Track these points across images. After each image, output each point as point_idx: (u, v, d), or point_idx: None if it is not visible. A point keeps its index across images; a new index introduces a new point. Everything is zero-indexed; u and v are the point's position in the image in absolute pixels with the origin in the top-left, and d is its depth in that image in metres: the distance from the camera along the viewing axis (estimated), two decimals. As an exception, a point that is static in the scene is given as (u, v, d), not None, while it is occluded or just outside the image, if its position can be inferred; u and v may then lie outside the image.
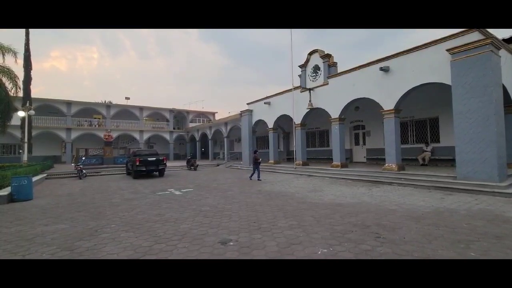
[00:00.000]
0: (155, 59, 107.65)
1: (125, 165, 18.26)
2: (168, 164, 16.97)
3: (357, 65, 12.46)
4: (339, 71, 13.76)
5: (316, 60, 14.78)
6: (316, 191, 8.88)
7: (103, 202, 7.77)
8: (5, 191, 8.30)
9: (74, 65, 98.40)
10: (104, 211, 6.61)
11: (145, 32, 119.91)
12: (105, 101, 31.30)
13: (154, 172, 15.38)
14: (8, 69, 17.92)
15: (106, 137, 23.55)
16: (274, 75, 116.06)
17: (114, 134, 27.88)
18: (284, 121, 19.15)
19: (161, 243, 4.17)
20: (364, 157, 16.29)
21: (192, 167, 19.62)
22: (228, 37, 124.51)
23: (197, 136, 31.43)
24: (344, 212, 5.87)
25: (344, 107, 13.07)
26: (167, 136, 33.52)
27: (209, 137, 28.71)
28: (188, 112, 36.97)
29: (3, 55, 17.35)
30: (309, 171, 14.16)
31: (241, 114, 21.40)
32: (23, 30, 19.36)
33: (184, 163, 22.61)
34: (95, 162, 22.18)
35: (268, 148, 19.56)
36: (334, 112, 13.53)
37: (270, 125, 18.46)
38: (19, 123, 19.62)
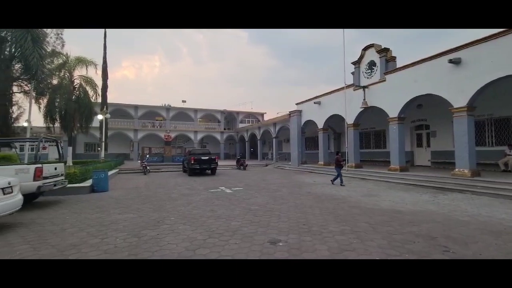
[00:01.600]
0: (208, 64, 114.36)
1: (181, 163, 19.79)
2: (219, 163, 17.82)
3: (419, 59, 11.24)
4: (397, 66, 12.62)
5: (371, 55, 13.83)
6: (371, 195, 8.29)
7: (164, 196, 8.56)
8: (88, 183, 9.79)
9: (140, 73, 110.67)
10: (164, 204, 7.28)
11: (200, 38, 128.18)
12: (165, 104, 34.40)
13: (207, 171, 16.32)
14: (91, 79, 21.13)
15: (166, 137, 25.90)
16: (323, 74, 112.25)
17: (173, 135, 30.49)
18: (335, 121, 18.39)
19: (214, 238, 4.40)
20: (428, 160, 14.59)
21: (242, 167, 20.23)
22: (277, 39, 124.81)
23: (246, 137, 32.29)
24: (404, 220, 5.36)
25: (404, 105, 11.92)
26: (218, 136, 35.27)
27: (258, 137, 29.22)
28: (238, 113, 38.26)
29: (87, 67, 20.52)
30: (362, 174, 13.31)
31: (290, 114, 21.26)
32: (101, 45, 22.56)
33: (234, 162, 23.46)
34: (157, 160, 24.56)
35: (318, 149, 19.01)
36: (392, 110, 12.45)
37: (320, 125, 17.91)
38: (98, 125, 22.93)
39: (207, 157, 15.93)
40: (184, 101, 36.29)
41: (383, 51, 13.03)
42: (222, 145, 35.30)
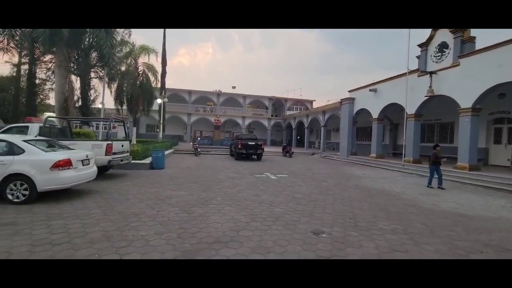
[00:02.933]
0: (258, 51, 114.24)
1: (229, 147, 20.57)
2: (265, 149, 18.01)
3: (507, 39, 9.36)
4: (476, 48, 10.75)
5: (443, 36, 12.03)
6: (430, 194, 7.47)
7: (212, 177, 9.05)
8: (148, 160, 10.89)
9: (195, 60, 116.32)
10: (212, 185, 7.70)
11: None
12: (215, 90, 35.81)
13: (253, 156, 16.66)
14: (152, 66, 22.99)
15: (216, 121, 27.10)
16: (381, 59, 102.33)
17: (222, 119, 31.77)
18: (392, 111, 16.82)
19: (257, 222, 4.51)
20: (508, 160, 12.41)
21: (287, 154, 20.12)
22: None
23: (294, 124, 31.80)
24: (471, 226, 4.70)
25: (482, 94, 10.21)
26: (265, 122, 35.51)
27: (306, 125, 28.53)
28: (286, 100, 37.73)
29: (149, 55, 22.32)
30: (421, 170, 12.02)
31: (341, 102, 20.12)
32: (161, 34, 24.21)
33: (279, 149, 23.45)
34: (207, 143, 25.98)
35: (370, 141, 17.73)
36: (465, 100, 10.79)
37: (375, 114, 16.57)
38: (157, 108, 25.07)
39: (254, 143, 16.21)
40: (233, 87, 37.19)
41: (459, 31, 11.19)
42: (269, 131, 35.50)
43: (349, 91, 19.55)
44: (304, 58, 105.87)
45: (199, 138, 23.41)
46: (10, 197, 4.93)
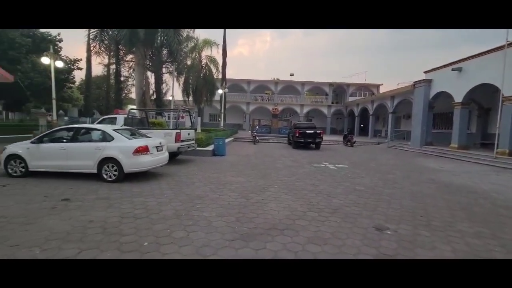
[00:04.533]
0: (318, 34, 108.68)
1: (286, 136, 20.50)
2: (324, 138, 17.33)
3: None
4: None
5: None
6: (532, 195, 6.09)
7: (270, 165, 9.21)
8: (210, 148, 11.70)
9: (253, 49, 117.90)
10: (270, 173, 7.84)
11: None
12: (273, 78, 35.71)
13: (311, 145, 16.25)
14: (214, 58, 24.17)
15: (274, 110, 27.23)
16: (468, 32, 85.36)
17: (280, 108, 31.69)
18: (482, 93, 14.09)
19: (314, 212, 4.42)
20: None
21: (349, 143, 18.98)
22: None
23: (356, 111, 29.63)
24: None
25: None
26: (325, 110, 34.00)
27: (370, 112, 26.27)
28: (348, 85, 35.23)
29: (211, 48, 23.49)
30: (521, 164, 9.86)
31: (414, 85, 17.77)
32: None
33: (340, 138, 22.28)
34: (265, 131, 26.45)
35: (450, 129, 15.30)
36: None
37: (459, 98, 14.14)
38: (218, 98, 26.48)
39: (312, 131, 15.76)
40: (291, 74, 36.54)
41: None
42: (329, 119, 33.94)
43: (424, 72, 17.07)
44: (369, 37, 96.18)
45: (257, 127, 23.99)
46: (104, 176, 5.97)
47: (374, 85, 35.38)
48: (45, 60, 13.68)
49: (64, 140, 6.31)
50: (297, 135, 15.54)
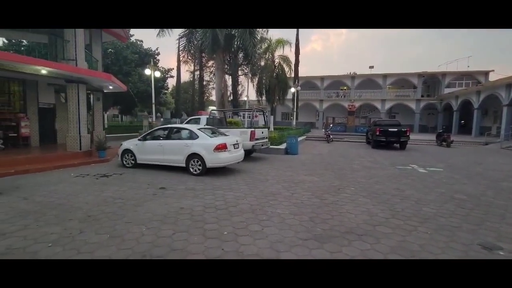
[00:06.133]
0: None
1: (365, 134, 18.92)
2: (411, 136, 15.20)
3: None
4: None
5: None
6: None
7: (345, 165, 8.69)
8: (283, 146, 11.83)
9: (327, 43, 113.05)
10: (345, 173, 7.40)
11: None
12: (350, 73, 33.41)
13: (395, 144, 14.53)
14: (286, 57, 24.33)
15: (350, 107, 25.48)
16: None
17: (357, 104, 29.41)
18: None
19: (399, 219, 3.95)
20: None
21: (444, 143, 16.14)
22: None
23: (455, 105, 24.87)
24: None
25: None
26: (412, 105, 29.78)
27: (475, 105, 21.64)
28: (443, 75, 29.84)
29: (283, 47, 23.68)
30: None
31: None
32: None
33: (432, 137, 19.17)
34: (339, 130, 25.04)
35: None
36: None
37: None
38: (290, 97, 26.49)
39: (396, 129, 14.05)
40: (371, 67, 33.39)
41: None
42: (417, 115, 29.55)
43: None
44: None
45: (331, 125, 22.96)
46: (191, 170, 6.79)
47: (481, 72, 28.87)
48: (147, 71, 16.49)
49: (161, 138, 7.48)
50: (377, 133, 14.13)
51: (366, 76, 32.53)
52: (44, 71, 7.99)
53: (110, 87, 11.75)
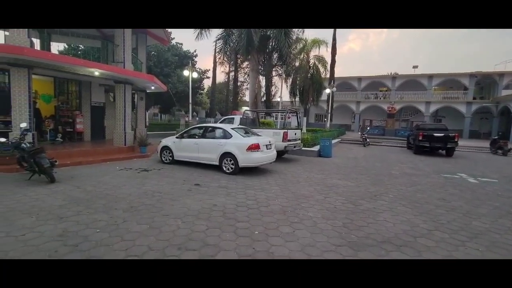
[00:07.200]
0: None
1: (405, 139, 17.69)
2: (460, 143, 13.83)
3: None
4: None
5: None
6: None
7: (383, 171, 8.22)
8: (316, 148, 11.57)
9: (366, 42, 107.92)
10: (383, 179, 7.00)
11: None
12: (390, 73, 31.45)
13: (440, 150, 13.36)
14: (322, 57, 23.75)
15: (390, 109, 24.03)
16: None
17: (397, 106, 27.62)
18: None
19: (443, 232, 3.63)
20: None
21: (500, 151, 14.43)
22: None
23: (515, 108, 22.09)
24: None
25: None
26: (462, 108, 27.09)
27: (540, 109, 18.99)
28: (501, 75, 26.68)
29: (319, 47, 23.15)
30: None
31: None
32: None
33: (485, 144, 17.28)
34: (377, 133, 23.74)
35: None
36: None
37: None
38: (325, 98, 25.78)
39: (442, 134, 12.90)
40: (415, 67, 31.11)
41: None
42: (468, 119, 26.82)
43: None
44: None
45: (368, 128, 21.87)
46: (224, 168, 6.97)
47: (550, 71, 25.24)
48: (185, 72, 17.29)
49: (196, 137, 7.78)
50: (420, 138, 13.11)
51: (409, 76, 30.38)
52: (97, 73, 8.81)
53: (152, 88, 12.55)
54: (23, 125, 6.22)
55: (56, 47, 23.69)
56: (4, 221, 3.51)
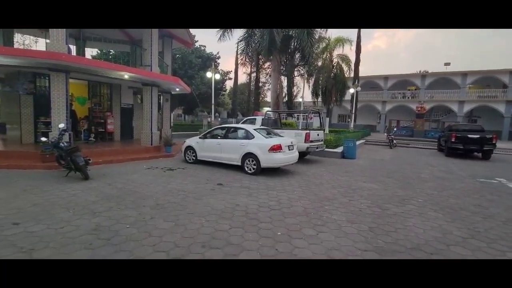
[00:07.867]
0: None
1: (436, 140, 16.72)
2: (498, 144, 12.81)
3: None
4: None
5: None
6: None
7: (411, 174, 7.83)
8: (339, 149, 11.28)
9: (393, 40, 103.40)
10: (411, 183, 6.67)
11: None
12: (420, 71, 29.87)
13: (475, 153, 12.47)
14: (346, 56, 23.17)
15: (419, 109, 22.86)
16: None
17: (427, 106, 26.18)
18: None
19: (480, 241, 3.38)
20: None
21: (545, 154, 13.17)
22: None
23: None
24: None
25: None
26: (501, 107, 25.06)
27: None
28: (548, 70, 24.32)
29: (343, 46, 22.58)
30: None
31: None
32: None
33: (528, 146, 15.84)
34: (405, 134, 22.68)
35: None
36: None
37: None
38: (349, 98, 25.11)
39: (478, 136, 12.02)
40: (447, 64, 29.29)
41: None
42: (508, 119, 24.74)
43: None
44: None
45: (395, 129, 20.92)
46: (246, 169, 7.02)
47: None
48: (208, 74, 17.66)
49: (219, 137, 7.91)
50: (453, 139, 12.32)
51: (439, 74, 28.67)
52: (126, 76, 9.27)
53: (177, 89, 12.96)
54: (61, 125, 6.70)
55: (90, 52, 25.27)
56: (46, 214, 3.80)
